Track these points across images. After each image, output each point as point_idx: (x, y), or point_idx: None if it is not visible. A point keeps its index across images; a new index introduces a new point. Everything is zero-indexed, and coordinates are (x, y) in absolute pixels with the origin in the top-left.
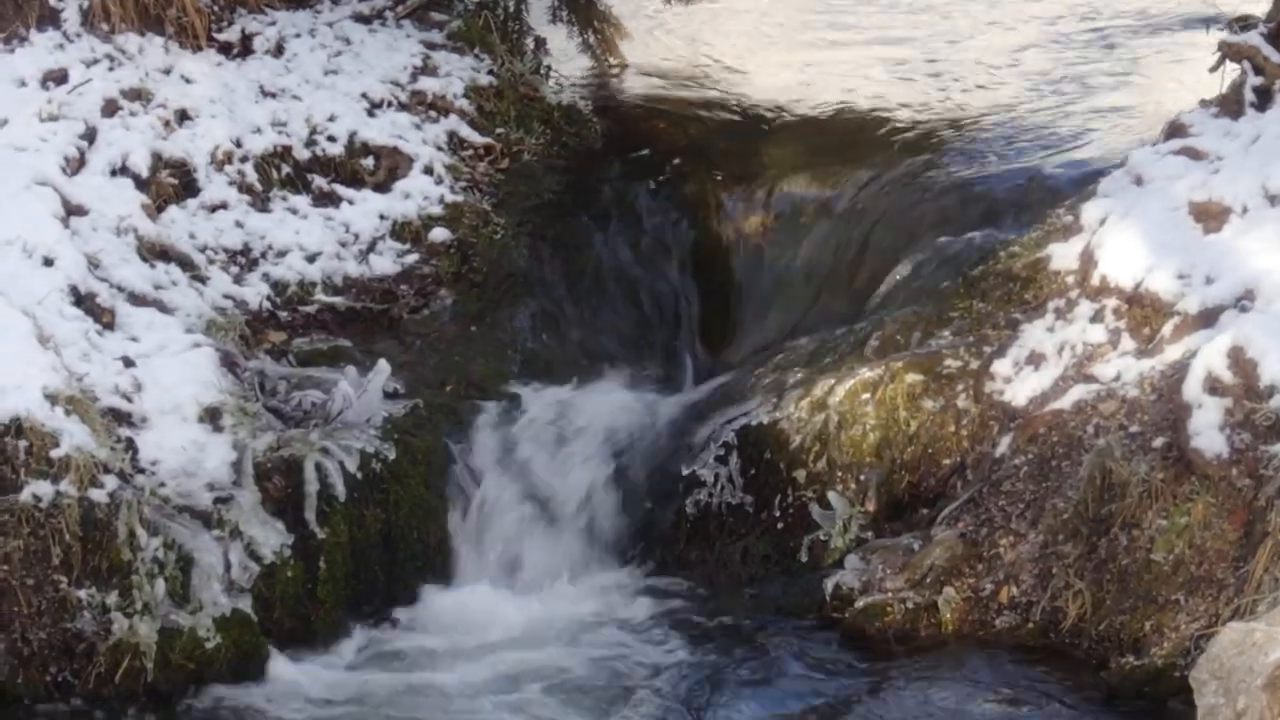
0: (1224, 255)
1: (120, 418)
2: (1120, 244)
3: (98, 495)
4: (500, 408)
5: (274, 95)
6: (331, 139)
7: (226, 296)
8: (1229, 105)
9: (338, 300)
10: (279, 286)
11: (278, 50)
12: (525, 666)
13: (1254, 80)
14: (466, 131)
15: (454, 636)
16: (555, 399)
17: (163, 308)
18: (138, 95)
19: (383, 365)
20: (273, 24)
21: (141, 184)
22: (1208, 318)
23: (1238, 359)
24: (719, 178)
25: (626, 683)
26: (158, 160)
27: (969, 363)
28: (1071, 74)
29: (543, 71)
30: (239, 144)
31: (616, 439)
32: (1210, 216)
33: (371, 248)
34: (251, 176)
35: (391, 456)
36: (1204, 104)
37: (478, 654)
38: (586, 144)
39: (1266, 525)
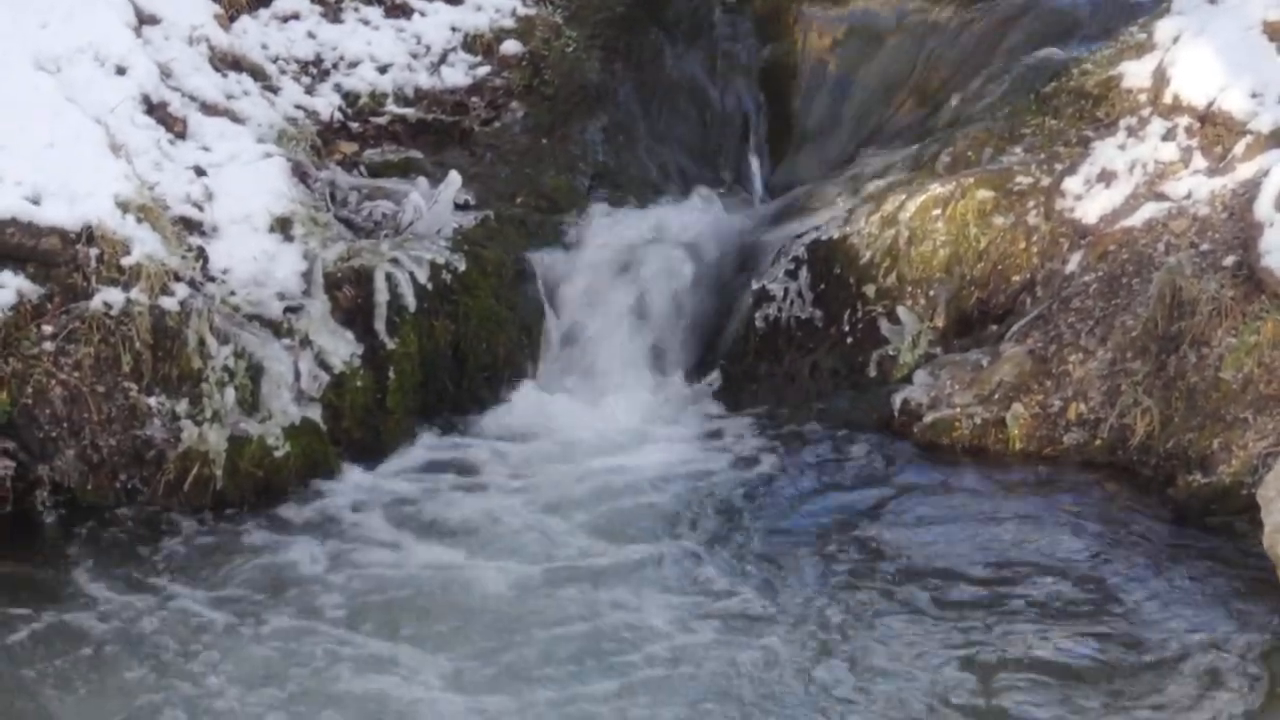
0: None
1: (191, 226)
2: (1193, 62)
3: (168, 303)
4: (571, 220)
5: None
6: None
7: (298, 107)
8: None
9: (409, 111)
10: (350, 97)
11: None
12: (589, 473)
13: None
14: None
15: (524, 444)
16: (626, 211)
17: (234, 117)
18: None
19: (453, 177)
20: None
21: None
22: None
23: None
24: None
25: (693, 492)
26: None
27: (1040, 179)
28: None
29: None
30: None
31: (687, 251)
32: None
33: (443, 59)
34: None
35: (461, 268)
36: None
37: (545, 461)
38: None
39: None
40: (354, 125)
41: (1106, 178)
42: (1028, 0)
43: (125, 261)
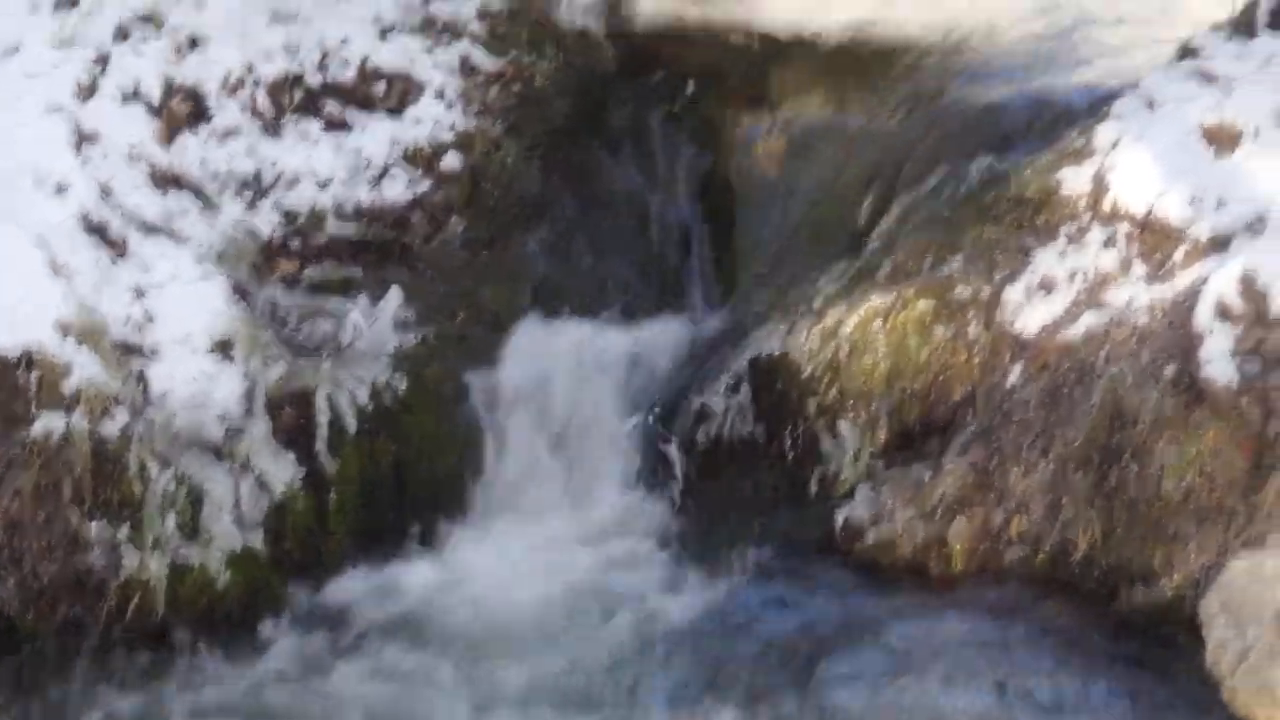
0: (1235, 179)
1: (131, 349)
2: (1132, 168)
3: (109, 428)
4: (512, 336)
5: (286, 19)
6: (343, 63)
7: (238, 225)
8: (1242, 26)
9: (349, 228)
10: (290, 215)
11: None
12: (530, 600)
13: (1268, 2)
14: (478, 56)
15: (464, 569)
16: (566, 327)
17: (174, 237)
18: (150, 20)
19: (393, 294)
20: None
21: (153, 110)
22: (1219, 243)
23: (1248, 286)
24: (731, 102)
25: (633, 614)
26: (169, 86)
27: (980, 290)
28: None
29: None
30: (251, 69)
31: (627, 368)
32: (1222, 140)
33: (383, 174)
34: (263, 102)
35: (403, 387)
36: (1217, 25)
37: (486, 587)
38: (599, 68)
39: (1276, 455)
40: (294, 243)
41: (1047, 287)
42: (967, 110)
43: (66, 386)
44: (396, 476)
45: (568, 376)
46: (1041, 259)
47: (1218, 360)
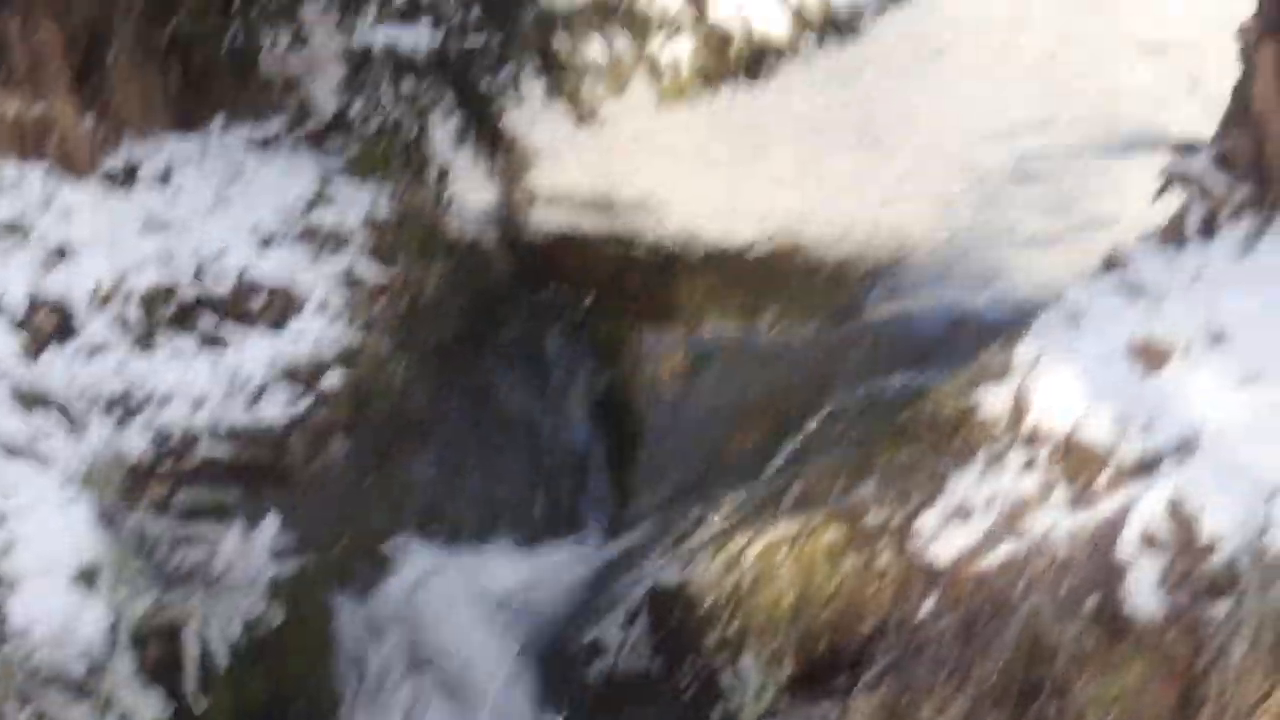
0: (1164, 400)
1: None
2: (1054, 387)
3: None
4: (396, 565)
5: (161, 227)
6: (220, 275)
7: (106, 446)
8: (1172, 236)
9: (224, 450)
10: (162, 435)
11: (165, 179)
12: None
13: (1199, 209)
14: (364, 267)
15: None
16: (455, 555)
17: (38, 458)
18: (15, 229)
19: (271, 520)
20: (160, 151)
21: (17, 325)
22: (1146, 467)
23: (1177, 512)
24: (632, 316)
25: None
26: (35, 299)
27: (893, 516)
28: (1004, 201)
29: (446, 202)
30: (122, 280)
31: (518, 599)
32: (1150, 357)
33: (261, 393)
34: (134, 316)
35: (279, 620)
36: (1146, 234)
37: None
38: (492, 280)
39: (1206, 690)
40: (166, 465)
41: (963, 513)
42: (880, 325)
43: None
44: (271, 715)
45: (454, 609)
46: (958, 483)
47: (1144, 591)
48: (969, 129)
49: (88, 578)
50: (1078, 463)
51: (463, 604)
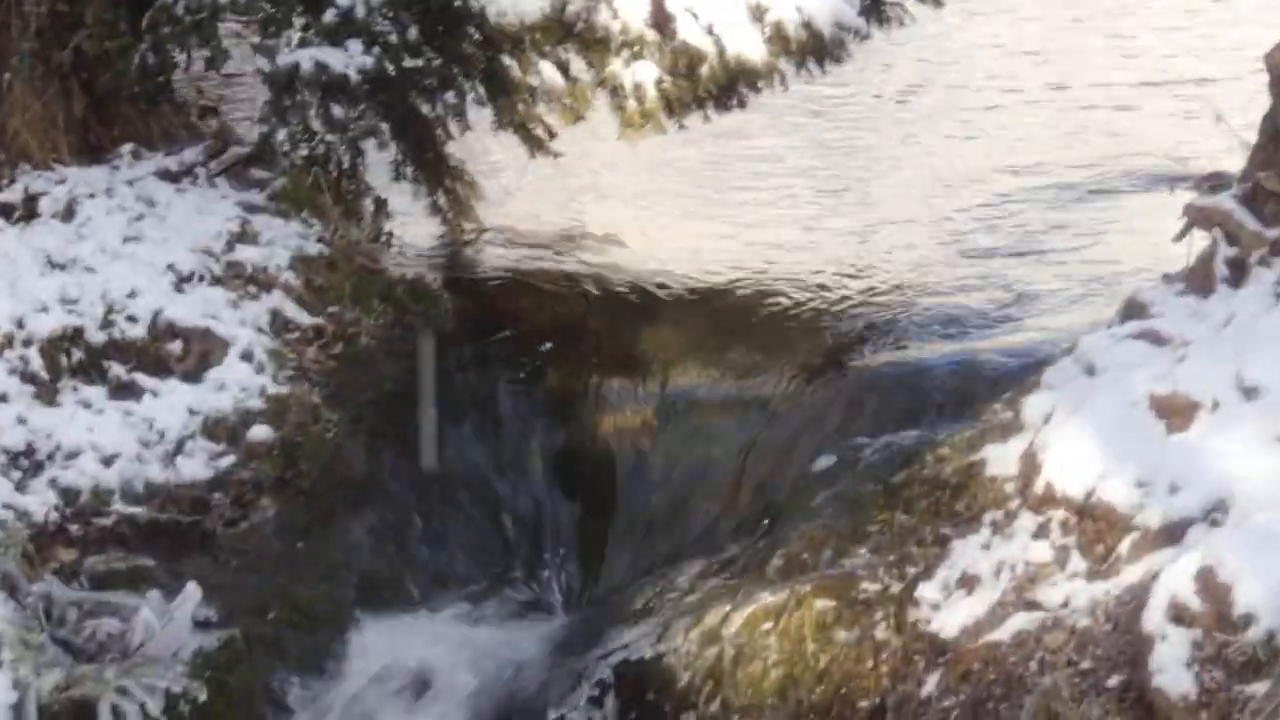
0: (1191, 459)
1: None
2: (1068, 445)
3: None
4: (332, 640)
5: (64, 267)
6: (132, 319)
7: (7, 506)
8: (1197, 280)
9: (139, 511)
10: (69, 494)
11: (68, 214)
12: None
13: (1226, 251)
14: (293, 310)
15: None
16: (398, 630)
17: None
18: None
19: (191, 589)
20: (62, 183)
21: None
22: (1172, 533)
23: (1208, 582)
24: (594, 366)
25: None
26: None
27: (890, 586)
28: (1013, 241)
29: (384, 239)
30: (21, 325)
31: (470, 679)
32: (1175, 413)
33: (179, 449)
34: (36, 363)
35: (202, 698)
36: (1168, 279)
37: None
38: (436, 325)
39: None
40: (74, 528)
41: (968, 583)
42: (875, 370)
43: None
44: None
45: (398, 689)
46: (962, 551)
47: (1171, 669)
48: (967, 164)
49: None
50: (1096, 528)
51: (407, 683)
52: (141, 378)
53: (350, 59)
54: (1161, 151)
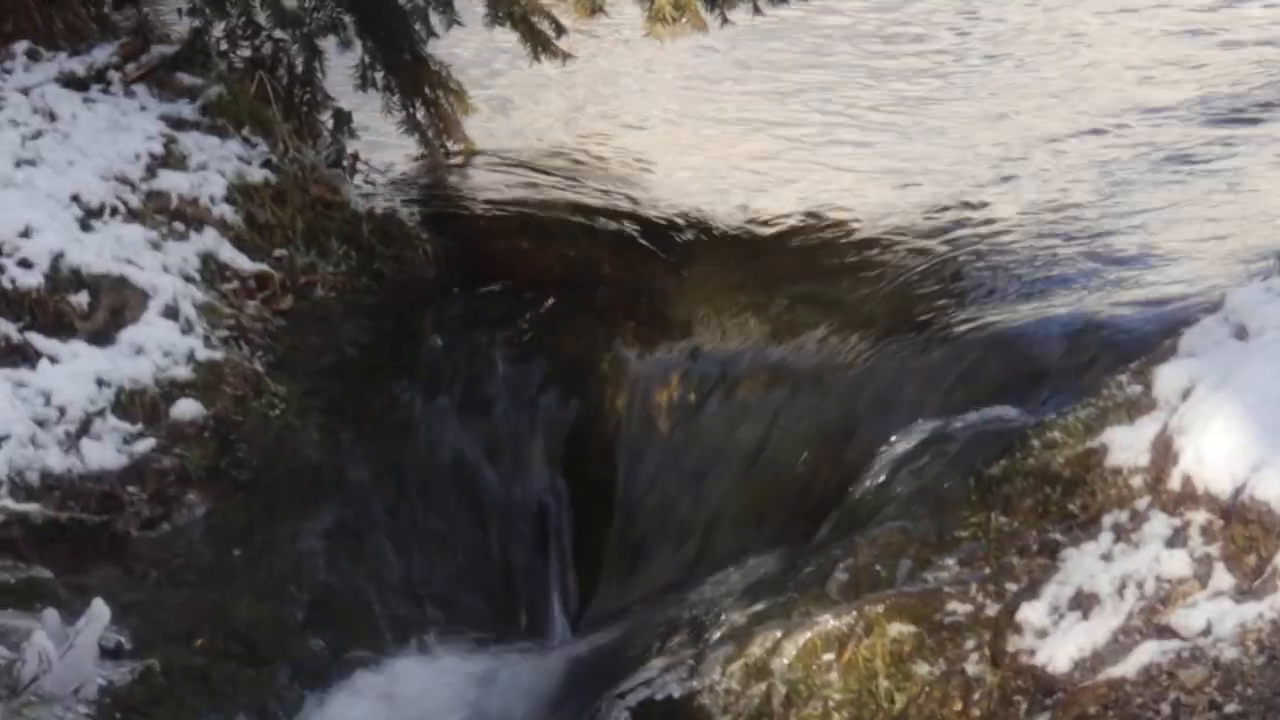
0: None
1: None
2: (1213, 428)
3: None
4: (279, 673)
5: None
6: (25, 264)
7: None
8: None
9: (32, 508)
10: None
11: None
12: None
13: None
14: (230, 253)
15: None
16: (360, 661)
17: None
18: None
19: (98, 608)
20: None
21: None
22: None
23: None
24: (611, 325)
25: None
26: None
27: (984, 607)
28: (1137, 169)
29: (346, 163)
30: None
31: None
32: None
33: (85, 429)
34: None
35: None
36: None
37: None
38: (412, 272)
39: None
40: None
41: (1084, 604)
42: (962, 333)
43: None
44: None
45: None
46: (1076, 563)
47: None
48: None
49: None
50: (1248, 534)
51: None
52: (37, 339)
53: None
54: None
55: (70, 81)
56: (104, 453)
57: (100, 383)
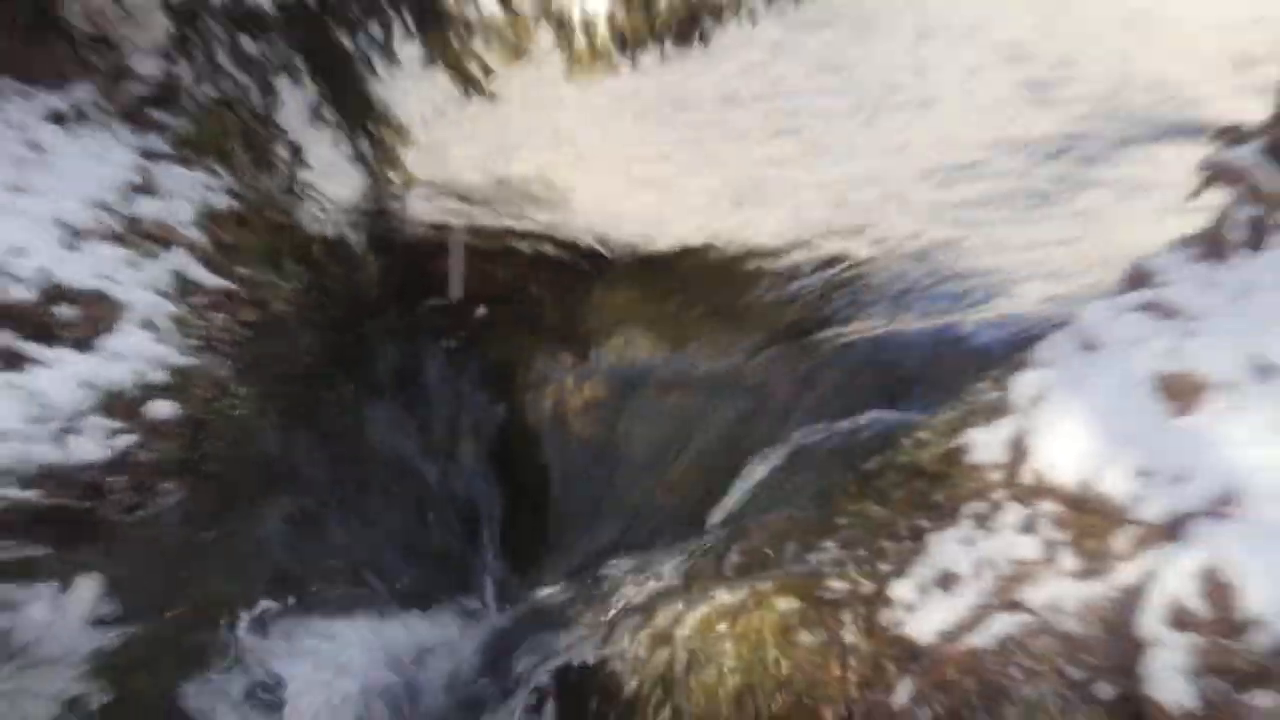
0: (1199, 446)
1: None
2: (1062, 430)
3: None
4: (242, 639)
5: None
6: (16, 279)
7: None
8: (1212, 245)
9: (28, 496)
10: None
11: None
12: None
13: (1245, 211)
14: (199, 271)
15: None
16: (313, 628)
17: None
18: None
19: (87, 583)
20: None
21: None
22: (1174, 528)
23: (1211, 583)
24: (536, 336)
25: None
26: None
27: (860, 585)
28: (1002, 200)
29: (299, 191)
30: None
31: (392, 683)
32: (1182, 394)
33: (71, 426)
34: None
35: (102, 702)
36: (1179, 243)
37: None
38: (359, 289)
39: None
40: None
41: (947, 582)
42: (842, 347)
43: None
44: None
45: (313, 693)
46: (940, 546)
47: (1170, 679)
48: (951, 111)
49: None
50: (1090, 522)
51: (322, 687)
52: (28, 347)
53: None
54: (1176, 102)
55: (54, 116)
56: (89, 447)
57: (85, 385)
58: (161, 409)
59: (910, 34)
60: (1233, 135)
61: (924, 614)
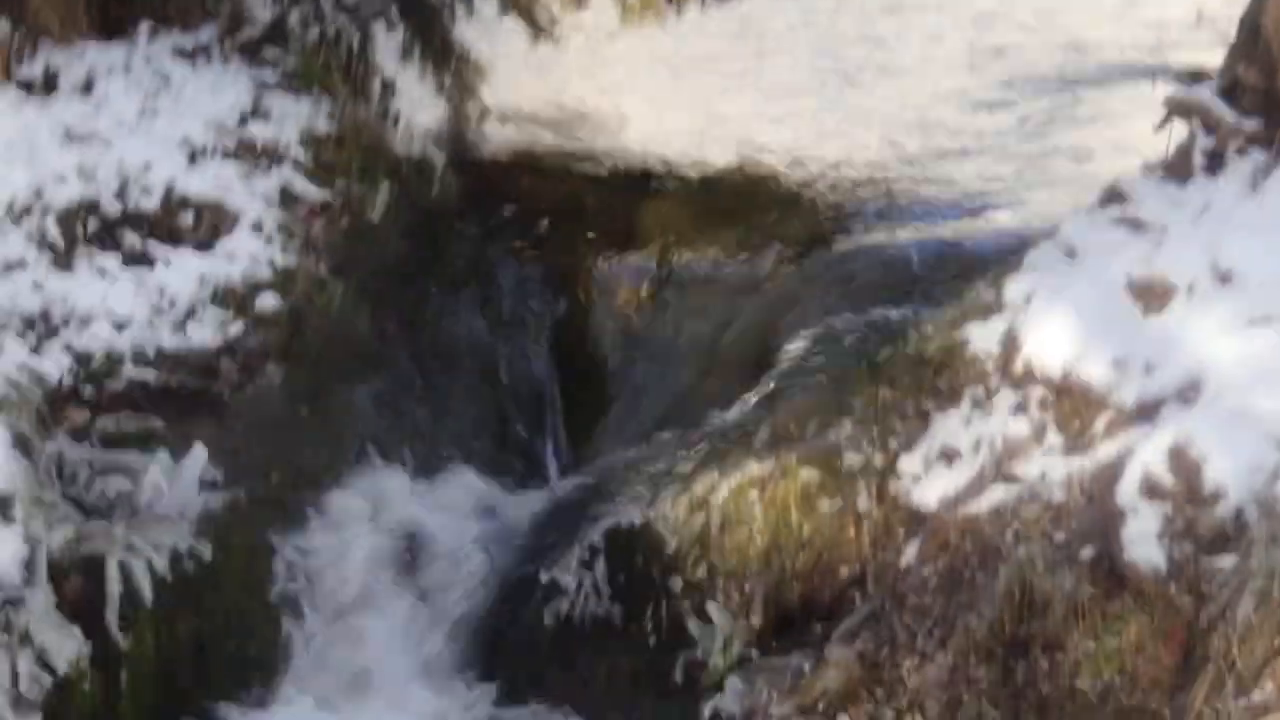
0: (1166, 340)
1: None
2: (1048, 325)
3: None
4: (335, 500)
5: (82, 140)
6: (146, 190)
7: (22, 368)
8: (1176, 169)
9: (150, 375)
10: (83, 358)
11: (86, 89)
12: None
13: (1204, 142)
14: (301, 185)
15: None
16: (398, 491)
17: None
18: None
19: (199, 451)
20: (82, 58)
21: None
22: (1146, 411)
23: (1179, 459)
24: (592, 242)
25: None
26: None
27: (872, 458)
28: (998, 131)
29: (391, 118)
30: (40, 194)
31: (467, 538)
32: (1152, 296)
33: (190, 315)
34: (53, 231)
35: (208, 556)
36: (1147, 168)
37: None
38: (440, 202)
39: (1208, 649)
40: (86, 390)
41: (948, 456)
42: (856, 254)
43: None
44: (198, 654)
45: (397, 546)
46: (942, 425)
47: (1143, 542)
48: (956, 53)
49: (2, 506)
50: (1073, 405)
51: (405, 541)
52: (155, 246)
53: None
54: (1145, 47)
55: (181, 53)
56: (204, 333)
57: (202, 280)
58: (267, 301)
59: None
60: (1193, 77)
61: (928, 484)
